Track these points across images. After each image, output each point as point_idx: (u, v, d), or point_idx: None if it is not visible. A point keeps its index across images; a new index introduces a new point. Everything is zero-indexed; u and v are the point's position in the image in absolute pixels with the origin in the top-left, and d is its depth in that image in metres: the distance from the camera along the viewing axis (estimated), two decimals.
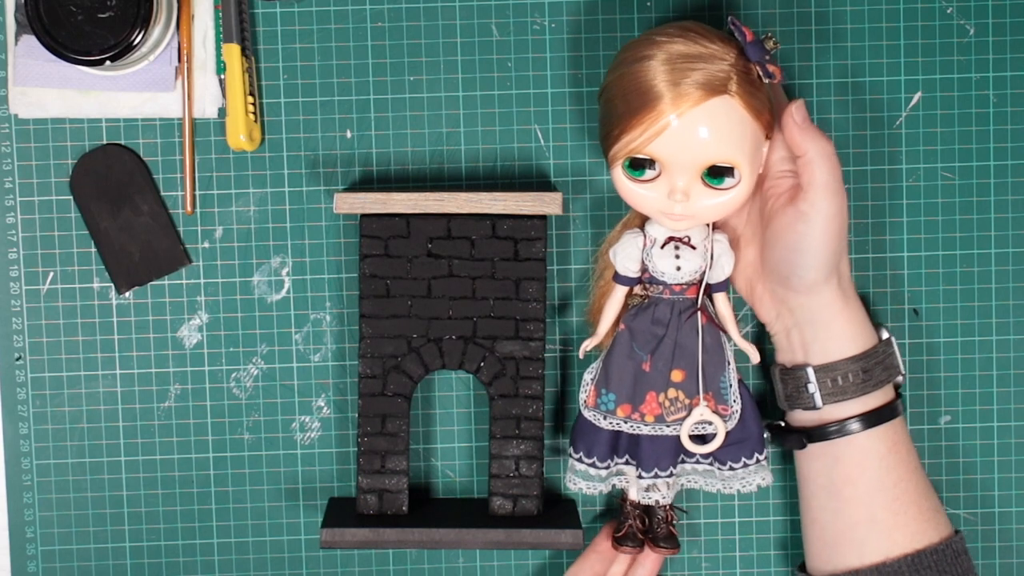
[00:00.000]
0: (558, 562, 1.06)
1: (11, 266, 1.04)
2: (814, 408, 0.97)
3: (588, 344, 1.00)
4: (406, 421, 1.00)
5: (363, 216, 0.99)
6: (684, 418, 0.97)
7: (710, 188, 0.93)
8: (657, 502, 1.00)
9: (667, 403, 0.97)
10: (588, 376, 0.99)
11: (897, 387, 1.00)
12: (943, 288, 1.05)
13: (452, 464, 1.06)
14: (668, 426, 0.98)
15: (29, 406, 1.05)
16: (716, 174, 0.92)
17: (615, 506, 1.06)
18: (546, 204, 0.97)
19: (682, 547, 1.06)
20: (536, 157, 1.04)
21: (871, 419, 0.96)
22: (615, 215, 1.02)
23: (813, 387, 0.96)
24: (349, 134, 1.04)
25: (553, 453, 1.05)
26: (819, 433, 0.97)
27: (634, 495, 1.00)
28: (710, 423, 0.98)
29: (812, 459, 0.98)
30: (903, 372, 1.00)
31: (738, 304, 1.05)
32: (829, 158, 0.93)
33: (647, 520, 1.01)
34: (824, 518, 0.97)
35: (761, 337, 1.05)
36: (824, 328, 0.96)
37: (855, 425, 0.96)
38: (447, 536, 0.98)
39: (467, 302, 0.99)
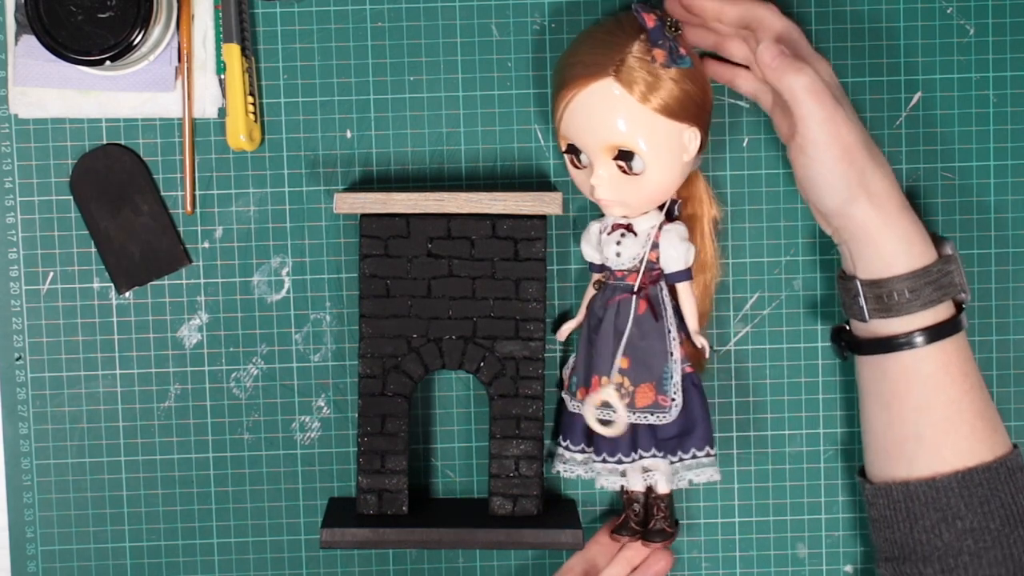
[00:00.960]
0: (558, 562, 1.06)
1: (11, 266, 1.04)
2: (863, 320, 0.96)
3: (565, 327, 1.03)
4: (406, 421, 1.00)
5: (363, 216, 0.99)
6: (627, 405, 0.98)
7: (627, 173, 0.95)
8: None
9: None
10: (571, 360, 1.02)
11: (959, 304, 0.98)
12: None
13: (452, 464, 1.06)
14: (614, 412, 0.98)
15: (29, 406, 1.05)
16: (625, 159, 0.94)
17: (615, 503, 1.06)
18: (546, 204, 0.97)
19: (675, 540, 1.05)
20: (536, 157, 1.04)
21: (919, 338, 0.95)
22: (597, 217, 1.02)
23: (862, 300, 0.95)
24: (349, 134, 1.04)
25: (552, 458, 1.05)
26: (869, 345, 0.97)
27: (632, 483, 1.01)
28: (612, 409, 0.98)
29: (866, 369, 0.98)
30: (966, 289, 0.97)
31: (739, 304, 1.05)
32: (808, 90, 0.92)
33: (642, 512, 1.02)
34: (876, 427, 0.97)
35: (755, 339, 1.05)
36: (867, 245, 0.95)
37: (902, 342, 0.95)
38: (447, 536, 0.98)
39: (467, 302, 0.99)
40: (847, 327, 1.00)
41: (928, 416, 0.95)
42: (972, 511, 0.94)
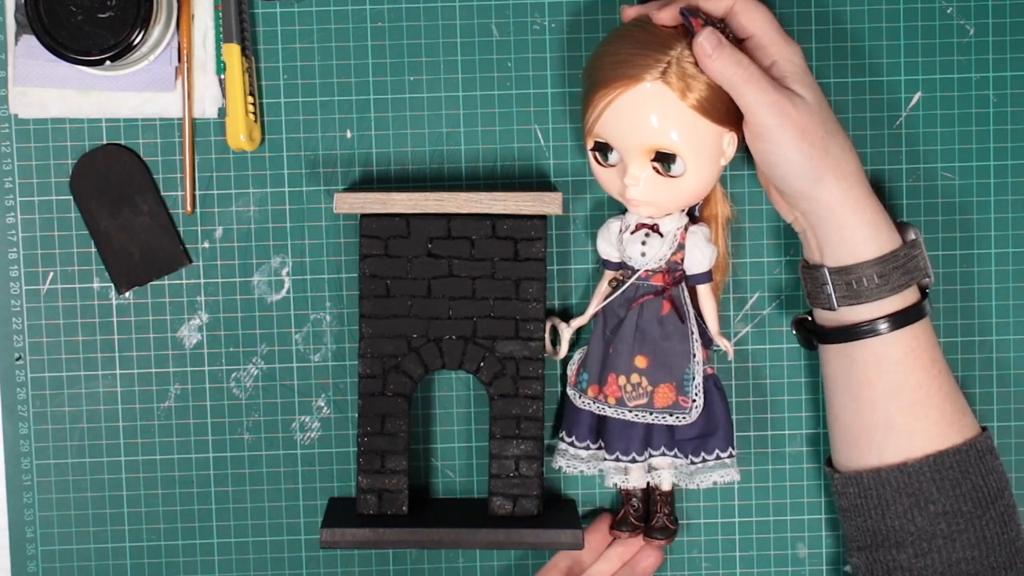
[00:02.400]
0: None
1: (11, 266, 1.04)
2: (831, 309, 0.96)
3: (574, 323, 1.02)
4: (406, 421, 1.00)
5: (363, 216, 0.99)
6: (644, 405, 0.98)
7: (662, 175, 0.94)
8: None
9: (628, 387, 0.98)
10: (577, 356, 1.02)
11: (924, 288, 0.98)
12: (943, 288, 1.05)
13: (452, 464, 1.06)
14: (630, 411, 0.98)
15: (29, 406, 1.05)
16: (664, 161, 0.94)
17: (613, 503, 1.06)
18: (546, 204, 0.97)
19: (676, 537, 1.05)
20: (536, 157, 1.04)
21: (888, 324, 0.95)
22: (615, 215, 1.02)
23: (830, 288, 0.95)
24: (349, 134, 1.04)
25: (553, 453, 1.05)
26: (836, 334, 0.97)
27: (634, 480, 1.01)
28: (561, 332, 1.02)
29: (833, 358, 0.98)
30: (930, 274, 0.98)
31: (739, 304, 1.05)
32: (744, 83, 0.91)
33: (641, 507, 1.02)
34: (845, 416, 0.98)
35: (755, 339, 1.05)
36: (835, 231, 0.95)
37: (871, 329, 0.95)
38: (447, 536, 0.98)
39: (467, 302, 0.99)
40: (809, 318, 1.01)
41: (898, 402, 0.95)
42: (944, 494, 0.95)
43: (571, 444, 1.02)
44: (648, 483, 1.02)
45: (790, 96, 0.92)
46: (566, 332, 1.02)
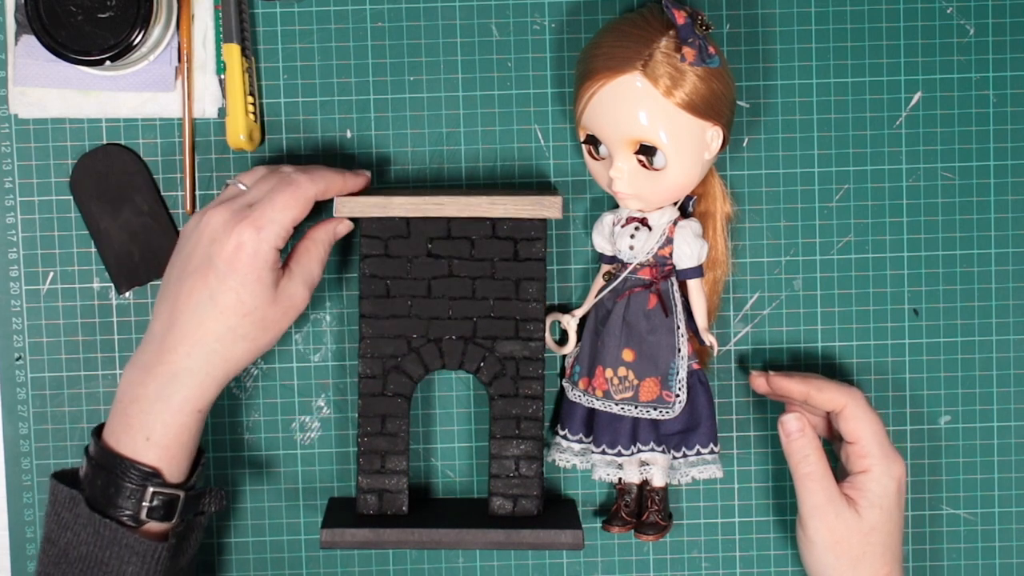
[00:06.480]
0: (558, 562, 1.07)
1: (11, 266, 1.04)
2: None
3: (576, 313, 1.03)
4: (406, 421, 1.00)
5: (363, 216, 0.99)
6: (630, 398, 0.98)
7: (647, 168, 0.95)
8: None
9: (615, 380, 0.98)
10: (575, 349, 1.03)
11: None
12: (943, 288, 1.05)
13: (452, 464, 1.06)
14: (616, 404, 0.98)
15: (29, 406, 1.05)
16: (647, 153, 0.94)
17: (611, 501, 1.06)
18: (546, 208, 0.97)
19: (667, 532, 1.05)
20: (536, 157, 1.04)
21: None
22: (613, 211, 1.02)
23: None
24: (349, 134, 1.04)
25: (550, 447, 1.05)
26: None
27: (627, 475, 1.01)
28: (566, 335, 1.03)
29: None
30: None
31: (739, 304, 1.05)
32: (804, 477, 0.97)
33: (634, 503, 1.02)
34: None
35: (755, 339, 1.05)
36: None
37: None
38: (447, 536, 0.98)
39: (467, 302, 0.99)
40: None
41: None
42: None
43: (564, 437, 1.03)
44: (641, 479, 1.02)
45: (840, 508, 0.96)
46: (572, 324, 1.02)
